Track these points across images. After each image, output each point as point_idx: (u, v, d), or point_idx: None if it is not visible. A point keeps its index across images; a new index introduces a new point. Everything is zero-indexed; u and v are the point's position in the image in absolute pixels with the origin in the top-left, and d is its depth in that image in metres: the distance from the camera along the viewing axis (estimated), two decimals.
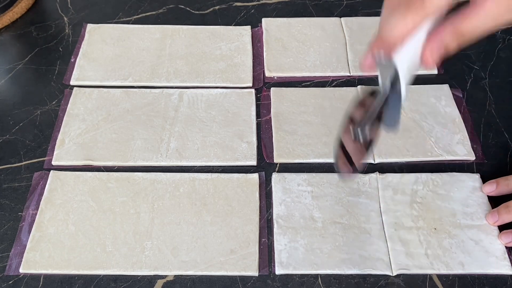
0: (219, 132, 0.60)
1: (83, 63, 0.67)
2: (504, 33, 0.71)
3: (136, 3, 0.76)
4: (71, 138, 0.59)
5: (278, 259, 0.50)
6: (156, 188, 0.55)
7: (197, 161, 0.57)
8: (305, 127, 0.60)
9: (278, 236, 0.51)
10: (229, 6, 0.76)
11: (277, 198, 0.54)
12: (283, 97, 0.63)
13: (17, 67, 0.68)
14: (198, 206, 0.53)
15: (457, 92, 0.64)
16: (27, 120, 0.62)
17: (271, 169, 0.57)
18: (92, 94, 0.63)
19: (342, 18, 0.73)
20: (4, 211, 0.54)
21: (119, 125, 0.60)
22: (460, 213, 0.53)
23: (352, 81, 0.66)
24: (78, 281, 0.49)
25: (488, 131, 0.60)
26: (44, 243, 0.51)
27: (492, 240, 0.51)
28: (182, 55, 0.68)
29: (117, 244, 0.51)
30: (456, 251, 0.50)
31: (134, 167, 0.57)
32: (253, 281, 0.49)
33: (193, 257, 0.50)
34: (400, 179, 0.55)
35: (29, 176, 0.56)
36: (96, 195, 0.54)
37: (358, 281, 0.49)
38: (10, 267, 0.49)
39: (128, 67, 0.67)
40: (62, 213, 0.53)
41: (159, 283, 0.49)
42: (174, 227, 0.52)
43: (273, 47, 0.69)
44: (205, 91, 0.64)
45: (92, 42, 0.70)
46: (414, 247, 0.50)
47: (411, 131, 0.59)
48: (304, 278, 0.49)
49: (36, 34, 0.72)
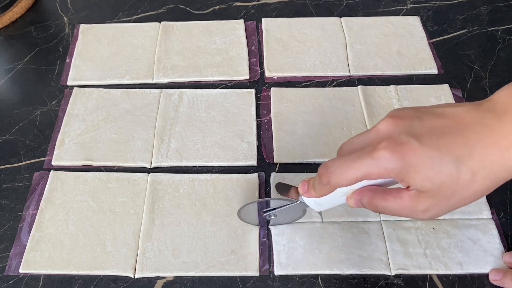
0: (219, 132, 0.60)
1: (78, 63, 0.67)
2: (504, 33, 0.71)
3: (136, 3, 0.76)
4: (71, 138, 0.59)
5: (277, 260, 0.50)
6: (156, 188, 0.55)
7: (197, 161, 0.57)
8: (305, 127, 0.60)
9: (276, 237, 0.51)
10: (229, 6, 0.76)
11: None
12: (283, 97, 0.63)
13: (17, 67, 0.68)
14: (198, 206, 0.53)
15: (457, 92, 0.64)
16: (27, 120, 0.62)
17: (271, 169, 0.57)
18: (92, 94, 0.63)
19: (342, 18, 0.73)
20: (4, 211, 0.54)
21: (119, 125, 0.60)
22: (459, 212, 0.53)
23: (352, 81, 0.66)
24: (78, 281, 0.49)
25: None
26: (44, 243, 0.51)
27: (490, 239, 0.51)
28: (178, 50, 0.68)
29: (117, 245, 0.51)
30: (455, 251, 0.50)
31: (134, 168, 0.57)
32: (253, 281, 0.49)
33: (194, 258, 0.50)
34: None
35: (29, 176, 0.56)
36: (96, 195, 0.54)
37: (358, 281, 0.49)
38: (10, 267, 0.50)
39: (125, 65, 0.67)
40: (62, 213, 0.53)
41: (159, 283, 0.49)
42: (174, 228, 0.52)
43: (273, 47, 0.69)
44: (205, 91, 0.64)
45: (87, 42, 0.70)
46: (413, 247, 0.50)
47: None
48: (304, 278, 0.49)
49: (36, 34, 0.72)
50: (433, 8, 0.75)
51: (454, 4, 0.76)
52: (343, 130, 0.60)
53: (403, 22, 0.72)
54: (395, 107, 0.62)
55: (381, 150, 0.36)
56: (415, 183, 0.36)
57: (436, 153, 0.35)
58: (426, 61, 0.67)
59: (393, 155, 0.35)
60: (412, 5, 0.75)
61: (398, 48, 0.69)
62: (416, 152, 0.35)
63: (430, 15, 0.74)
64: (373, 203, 0.39)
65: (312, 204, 0.44)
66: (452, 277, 0.49)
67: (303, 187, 0.43)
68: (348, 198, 0.41)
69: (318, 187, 0.41)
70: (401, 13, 0.74)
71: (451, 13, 0.74)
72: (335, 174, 0.38)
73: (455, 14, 0.74)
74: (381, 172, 0.36)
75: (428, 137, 0.35)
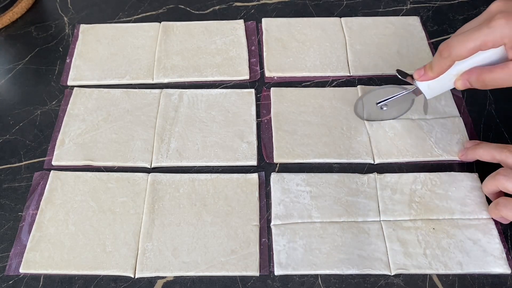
0: (219, 132, 0.60)
1: (79, 63, 0.67)
2: None
3: (136, 3, 0.76)
4: (71, 138, 0.59)
5: (277, 260, 0.50)
6: (156, 188, 0.55)
7: (197, 161, 0.57)
8: (305, 127, 0.60)
9: (276, 236, 0.51)
10: (229, 6, 0.76)
11: (276, 198, 0.54)
12: (283, 97, 0.63)
13: (17, 67, 0.68)
14: (198, 206, 0.53)
15: (457, 92, 0.64)
16: (27, 120, 0.62)
17: (271, 169, 0.57)
18: (92, 94, 0.64)
19: (342, 18, 0.73)
20: (4, 211, 0.54)
21: (119, 125, 0.60)
22: (458, 212, 0.53)
23: (352, 81, 0.66)
24: (78, 281, 0.49)
25: (488, 131, 0.60)
26: (44, 243, 0.51)
27: (490, 239, 0.51)
28: (178, 50, 0.68)
29: (117, 245, 0.51)
30: (454, 251, 0.50)
31: (134, 168, 0.57)
32: (253, 281, 0.49)
33: (194, 258, 0.50)
34: (399, 179, 0.55)
35: (29, 176, 0.56)
36: (96, 195, 0.54)
37: (358, 281, 0.49)
38: (10, 267, 0.50)
39: (125, 65, 0.67)
40: (62, 213, 0.53)
41: (159, 283, 0.49)
42: (174, 228, 0.52)
43: (273, 47, 0.69)
44: (205, 91, 0.64)
45: (87, 42, 0.70)
46: (413, 247, 0.50)
47: (411, 131, 0.59)
48: (304, 278, 0.49)
49: (36, 34, 0.72)
50: (433, 8, 0.75)
51: (454, 4, 0.76)
52: (343, 130, 0.60)
53: (403, 22, 0.72)
54: None
55: (497, 19, 0.43)
56: None
57: None
58: (426, 61, 0.67)
59: (508, 21, 0.43)
60: (412, 5, 0.75)
61: (398, 48, 0.69)
62: None
63: (430, 15, 0.74)
64: (481, 78, 0.47)
65: (425, 89, 0.52)
66: (452, 277, 0.49)
67: (419, 72, 0.51)
68: (456, 80, 0.49)
69: (437, 63, 0.48)
70: (401, 13, 0.74)
71: (451, 13, 0.74)
72: (455, 46, 0.45)
73: (455, 14, 0.74)
74: (497, 39, 0.43)
75: None
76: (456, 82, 0.50)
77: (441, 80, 0.50)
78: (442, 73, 0.49)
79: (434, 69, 0.49)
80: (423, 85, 0.52)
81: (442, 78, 0.50)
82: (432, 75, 0.50)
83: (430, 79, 0.51)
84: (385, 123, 0.60)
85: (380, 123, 0.60)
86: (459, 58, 0.47)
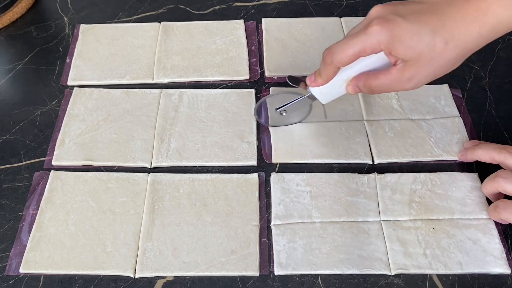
0: (219, 132, 0.60)
1: (79, 63, 0.67)
2: None
3: (136, 3, 0.76)
4: (71, 138, 0.59)
5: (277, 260, 0.50)
6: (156, 188, 0.55)
7: (197, 161, 0.57)
8: (303, 128, 0.60)
9: (276, 236, 0.51)
10: (229, 6, 0.76)
11: (276, 198, 0.54)
12: None
13: (17, 67, 0.68)
14: (198, 206, 0.53)
15: (457, 92, 0.64)
16: (27, 120, 0.62)
17: (271, 169, 0.57)
18: (92, 94, 0.64)
19: (342, 18, 0.73)
20: (4, 211, 0.54)
21: (119, 125, 0.60)
22: (458, 212, 0.53)
23: None
24: (78, 281, 0.49)
25: (488, 131, 0.60)
26: (44, 243, 0.51)
27: (490, 239, 0.51)
28: (178, 50, 0.68)
29: (117, 245, 0.51)
30: (454, 251, 0.50)
31: (134, 168, 0.57)
32: (253, 281, 0.49)
33: (194, 258, 0.50)
34: (399, 179, 0.55)
35: (29, 176, 0.56)
36: (96, 195, 0.54)
37: (358, 281, 0.49)
38: (10, 267, 0.50)
39: (125, 65, 0.67)
40: (62, 213, 0.53)
41: (159, 283, 0.49)
42: (174, 228, 0.52)
43: (273, 47, 0.69)
44: (205, 91, 0.64)
45: (87, 42, 0.70)
46: (413, 247, 0.50)
47: (411, 131, 0.59)
48: (304, 278, 0.49)
49: (36, 34, 0.72)
50: None
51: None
52: (342, 130, 0.60)
53: None
54: (395, 107, 0.62)
55: (373, 26, 0.43)
56: (400, 52, 0.43)
57: (416, 26, 0.43)
58: None
59: (382, 28, 0.43)
60: None
61: None
62: (400, 26, 0.43)
63: None
64: (368, 83, 0.47)
65: (318, 94, 0.52)
66: (452, 277, 0.49)
67: (310, 78, 0.51)
68: (347, 86, 0.50)
69: (323, 70, 0.48)
70: None
71: None
72: (336, 53, 0.46)
73: None
74: (374, 44, 0.44)
75: (410, 15, 0.43)
76: (346, 87, 0.50)
77: (332, 86, 0.50)
78: (330, 79, 0.49)
79: (322, 75, 0.49)
80: (316, 91, 0.52)
81: (333, 83, 0.50)
82: (321, 81, 0.50)
83: (320, 85, 0.50)
84: (385, 123, 0.60)
85: (380, 123, 0.60)
86: (342, 64, 0.47)
